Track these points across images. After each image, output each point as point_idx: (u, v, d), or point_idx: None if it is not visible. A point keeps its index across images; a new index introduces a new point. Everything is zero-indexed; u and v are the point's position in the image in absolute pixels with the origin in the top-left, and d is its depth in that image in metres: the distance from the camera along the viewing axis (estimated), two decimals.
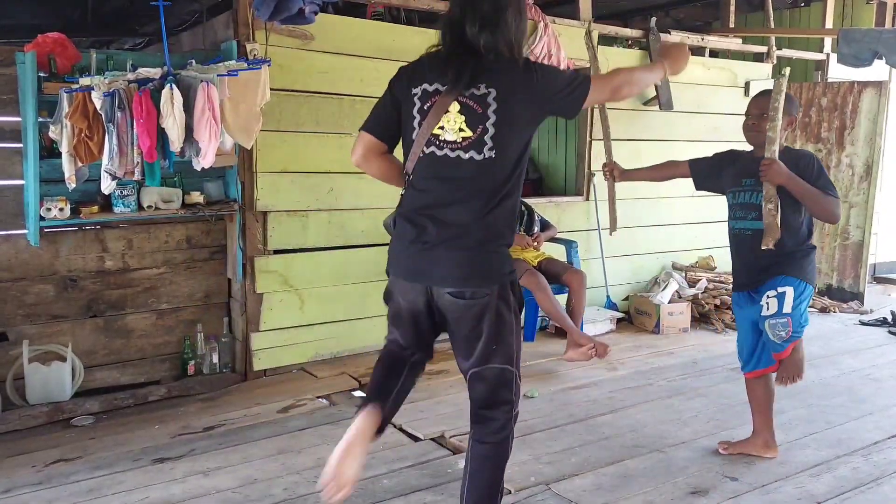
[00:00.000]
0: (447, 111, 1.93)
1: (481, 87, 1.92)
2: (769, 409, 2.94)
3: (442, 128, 1.94)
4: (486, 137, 1.91)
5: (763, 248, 2.64)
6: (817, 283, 5.89)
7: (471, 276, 1.95)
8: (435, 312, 2.03)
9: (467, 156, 1.92)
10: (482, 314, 1.97)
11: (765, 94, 2.74)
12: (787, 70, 2.71)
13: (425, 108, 1.96)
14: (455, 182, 1.94)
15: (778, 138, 2.62)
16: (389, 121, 2.05)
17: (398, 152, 2.10)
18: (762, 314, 2.75)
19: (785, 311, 2.70)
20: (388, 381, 2.12)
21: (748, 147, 2.89)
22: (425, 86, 1.98)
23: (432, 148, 1.96)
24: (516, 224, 2.08)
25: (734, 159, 2.94)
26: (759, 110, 2.73)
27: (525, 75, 1.94)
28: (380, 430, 2.04)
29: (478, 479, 2.07)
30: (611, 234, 4.16)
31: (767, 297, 2.73)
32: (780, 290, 2.71)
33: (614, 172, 3.21)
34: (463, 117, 1.92)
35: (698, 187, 3.07)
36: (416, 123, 1.98)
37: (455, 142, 1.93)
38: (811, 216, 2.76)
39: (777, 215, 2.60)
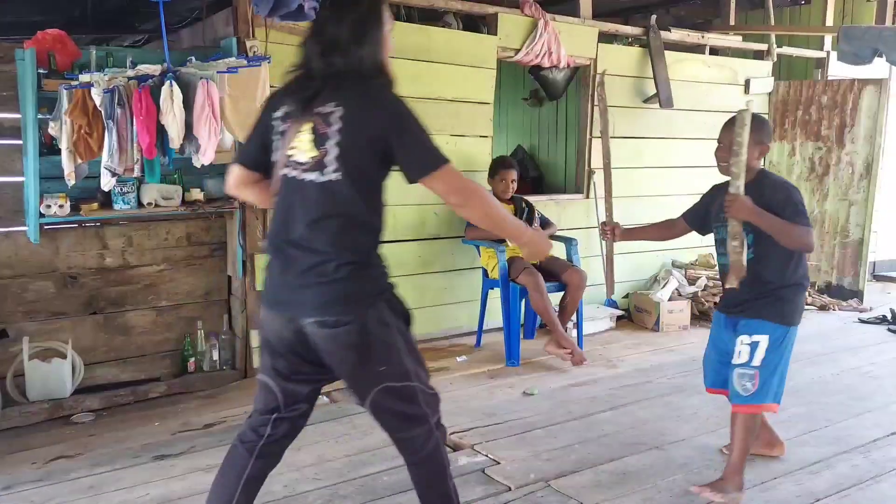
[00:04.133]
0: (300, 131, 1.88)
1: (329, 104, 1.85)
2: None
3: (294, 148, 1.89)
4: (328, 158, 1.84)
5: (727, 286, 2.55)
6: (817, 282, 5.94)
7: (333, 303, 1.86)
8: (307, 350, 1.93)
9: (311, 177, 1.86)
10: (356, 340, 1.87)
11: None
12: (752, 102, 2.52)
13: (282, 129, 1.93)
14: (308, 205, 1.87)
15: (742, 173, 2.50)
16: (257, 149, 2.00)
17: None
18: (732, 361, 2.66)
19: (754, 363, 2.60)
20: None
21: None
22: (284, 108, 1.94)
23: (287, 170, 1.91)
24: (378, 247, 1.97)
25: (715, 194, 2.79)
26: (729, 140, 2.56)
27: (376, 101, 1.86)
28: None
29: (426, 497, 2.04)
30: (609, 297, 4.18)
31: (741, 342, 2.64)
32: (754, 338, 2.61)
33: (615, 231, 3.08)
34: (311, 136, 1.86)
35: (704, 234, 2.95)
36: (275, 146, 1.95)
37: (304, 163, 1.88)
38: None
39: (743, 252, 2.50)
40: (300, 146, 1.88)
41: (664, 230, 3.12)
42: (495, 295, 4.38)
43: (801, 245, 2.55)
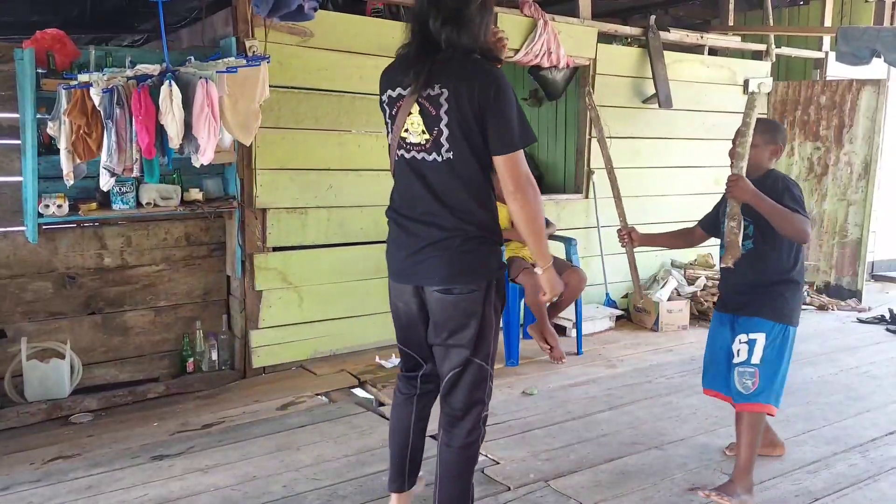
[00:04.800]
0: (410, 113, 1.96)
1: (436, 87, 1.92)
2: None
3: (407, 130, 1.98)
4: (442, 139, 1.93)
5: (722, 265, 2.57)
6: (815, 282, 5.95)
7: (458, 273, 1.98)
8: (427, 317, 2.09)
9: (430, 158, 1.96)
10: (470, 310, 2.00)
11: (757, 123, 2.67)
12: (762, 84, 2.59)
13: (394, 112, 2.02)
14: (429, 183, 1.97)
15: (747, 154, 2.57)
16: None
17: None
18: (732, 361, 2.67)
19: (753, 361, 2.60)
20: (404, 448, 2.27)
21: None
22: (389, 91, 2.03)
23: (402, 151, 2.01)
24: (497, 221, 2.07)
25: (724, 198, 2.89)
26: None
27: (478, 80, 1.89)
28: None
29: (448, 486, 2.09)
30: (636, 304, 4.32)
31: (740, 340, 2.65)
32: (751, 336, 2.62)
33: (632, 235, 3.02)
34: (422, 119, 1.94)
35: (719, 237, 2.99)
36: (389, 128, 2.05)
37: (419, 144, 1.97)
38: (798, 246, 2.64)
39: (739, 234, 2.54)
40: (412, 128, 1.97)
41: (682, 238, 3.10)
42: None
43: (798, 232, 2.53)
